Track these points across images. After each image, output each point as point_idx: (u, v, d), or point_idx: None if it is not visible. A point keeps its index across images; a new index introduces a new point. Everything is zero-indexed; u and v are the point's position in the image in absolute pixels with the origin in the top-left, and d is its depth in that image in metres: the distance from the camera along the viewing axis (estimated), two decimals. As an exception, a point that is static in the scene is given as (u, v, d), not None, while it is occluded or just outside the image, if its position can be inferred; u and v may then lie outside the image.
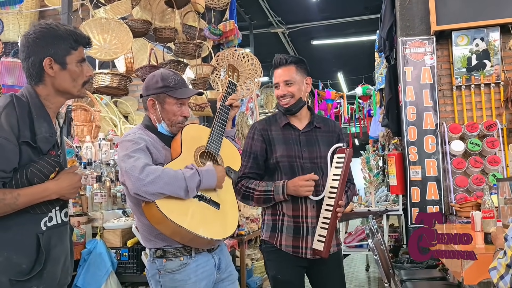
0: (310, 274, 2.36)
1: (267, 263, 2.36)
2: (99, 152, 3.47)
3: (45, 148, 1.57)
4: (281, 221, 2.30)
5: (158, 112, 2.00)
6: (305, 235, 2.25)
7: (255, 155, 2.35)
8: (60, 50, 1.62)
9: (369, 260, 6.43)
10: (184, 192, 1.81)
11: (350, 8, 7.95)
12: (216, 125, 2.09)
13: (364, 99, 8.63)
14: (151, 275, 1.94)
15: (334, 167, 2.26)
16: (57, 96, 1.66)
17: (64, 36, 1.63)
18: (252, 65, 4.97)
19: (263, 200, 2.27)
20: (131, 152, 1.83)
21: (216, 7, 4.91)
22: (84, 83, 1.70)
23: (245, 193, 2.30)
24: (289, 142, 2.33)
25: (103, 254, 2.87)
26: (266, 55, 9.92)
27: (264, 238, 2.35)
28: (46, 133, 1.57)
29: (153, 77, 2.03)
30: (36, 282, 1.54)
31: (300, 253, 2.25)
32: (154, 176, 1.75)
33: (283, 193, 2.22)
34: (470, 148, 4.39)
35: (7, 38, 4.46)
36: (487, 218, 2.55)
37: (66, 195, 1.62)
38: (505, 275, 1.54)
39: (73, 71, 1.65)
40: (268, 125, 2.39)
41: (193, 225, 1.80)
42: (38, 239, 1.54)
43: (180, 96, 2.00)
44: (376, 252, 2.91)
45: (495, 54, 4.50)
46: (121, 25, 3.58)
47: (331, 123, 2.47)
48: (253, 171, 2.34)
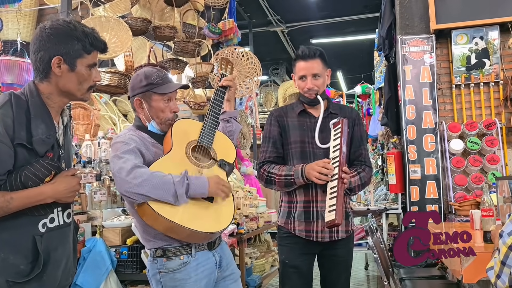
0: (320, 258, 2.43)
1: (279, 248, 2.46)
2: (99, 150, 3.47)
3: (42, 150, 1.53)
4: (294, 208, 2.36)
5: (146, 111, 1.99)
6: (315, 219, 2.30)
7: (274, 140, 2.41)
8: (72, 51, 1.57)
9: (368, 259, 6.44)
10: (173, 197, 1.78)
11: (350, 7, 7.95)
12: (209, 118, 2.06)
13: (363, 98, 8.64)
14: (152, 275, 1.94)
15: (332, 140, 2.29)
16: (60, 96, 1.62)
17: (80, 37, 1.58)
18: (252, 63, 4.97)
19: (285, 184, 2.31)
20: (120, 153, 1.82)
21: (215, 6, 4.90)
22: (90, 87, 1.66)
23: (267, 177, 2.35)
24: (303, 129, 2.38)
25: (103, 253, 2.87)
26: (265, 54, 9.96)
27: (279, 224, 2.43)
28: (42, 134, 1.53)
29: (137, 77, 2.01)
30: (35, 284, 1.51)
31: (312, 236, 2.31)
32: (141, 179, 1.74)
33: (302, 176, 2.25)
34: (469, 147, 4.39)
35: (6, 37, 4.45)
36: (486, 217, 2.56)
37: (62, 199, 1.57)
38: (500, 273, 1.53)
39: (81, 75, 1.60)
40: (285, 112, 2.46)
41: (185, 219, 1.79)
42: (35, 241, 1.52)
43: (164, 91, 1.98)
44: (376, 250, 2.92)
45: (495, 53, 4.50)
46: (121, 24, 3.58)
47: (348, 109, 2.51)
48: (274, 155, 2.40)
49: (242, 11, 7.71)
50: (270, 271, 4.78)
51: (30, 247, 1.52)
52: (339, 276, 2.42)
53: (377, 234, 3.25)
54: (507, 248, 1.52)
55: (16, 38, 4.27)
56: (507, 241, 1.53)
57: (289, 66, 11.44)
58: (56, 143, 1.61)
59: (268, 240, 5.36)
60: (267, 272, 4.72)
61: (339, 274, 2.42)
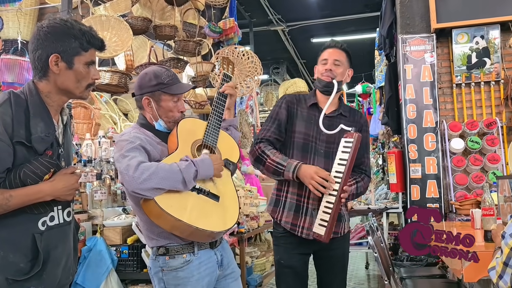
0: (316, 259, 2.42)
1: (274, 248, 2.43)
2: (99, 149, 3.47)
3: (40, 148, 1.53)
4: (284, 197, 2.35)
5: (154, 110, 1.98)
6: (303, 214, 2.29)
7: (279, 122, 2.37)
8: (69, 48, 1.57)
9: (369, 258, 6.44)
10: (182, 184, 1.79)
11: (350, 6, 7.95)
12: (213, 118, 2.07)
13: (364, 97, 8.63)
14: (154, 273, 1.94)
15: (341, 151, 2.24)
16: (59, 94, 1.62)
17: (77, 35, 1.58)
18: (252, 63, 4.97)
19: (273, 171, 2.28)
20: (125, 151, 1.82)
21: (216, 5, 4.90)
22: (88, 85, 1.66)
23: (259, 156, 2.30)
24: (310, 122, 2.36)
25: (103, 252, 2.87)
26: (266, 53, 9.96)
27: (266, 211, 2.42)
28: (41, 132, 1.54)
29: (145, 75, 1.99)
30: (35, 282, 1.52)
31: (297, 231, 2.29)
32: (149, 173, 1.74)
33: (293, 172, 2.22)
34: (470, 146, 4.39)
35: (7, 36, 4.45)
36: (487, 216, 2.55)
37: (61, 197, 1.57)
38: (503, 274, 1.53)
39: (79, 72, 1.61)
40: (297, 101, 2.43)
41: (192, 218, 1.79)
42: (35, 239, 1.52)
43: (175, 92, 1.98)
44: (376, 249, 2.92)
45: (495, 52, 4.49)
46: (121, 23, 3.58)
47: (357, 114, 2.50)
48: (275, 136, 2.36)
49: (242, 10, 7.71)
50: (271, 270, 4.79)
51: (29, 245, 1.52)
52: (335, 277, 2.42)
53: (377, 233, 3.25)
54: (510, 249, 1.52)
55: (16, 37, 4.28)
56: (509, 242, 1.53)
57: (290, 65, 11.43)
58: (56, 141, 1.61)
59: (268, 239, 5.37)
60: (268, 271, 4.73)
61: (335, 275, 2.42)
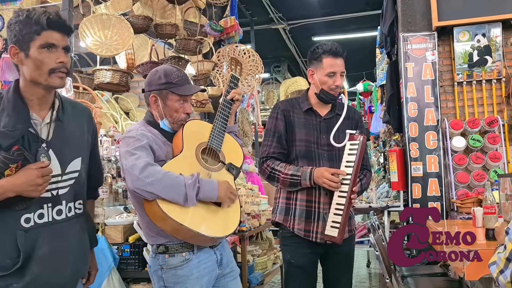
0: (324, 260, 2.42)
1: (283, 248, 2.43)
2: (101, 148, 3.47)
3: (3, 143, 1.48)
4: (294, 205, 2.34)
5: (161, 109, 1.98)
6: (316, 219, 2.29)
7: (279, 135, 2.36)
8: (22, 36, 1.53)
9: (370, 256, 6.45)
10: (183, 199, 1.78)
11: (351, 4, 7.94)
12: (218, 121, 2.06)
13: (365, 95, 8.63)
14: (153, 271, 1.94)
15: (347, 154, 2.27)
16: (33, 87, 1.58)
17: (25, 21, 1.53)
18: (253, 61, 4.97)
19: (289, 184, 2.29)
20: (132, 149, 1.82)
21: (217, 3, 4.90)
22: (51, 70, 1.55)
23: (271, 174, 2.32)
24: (309, 127, 2.36)
25: (105, 250, 2.87)
26: (267, 52, 9.95)
27: (277, 220, 2.40)
28: (5, 127, 1.49)
29: (156, 73, 2.00)
30: (14, 281, 1.48)
31: (311, 237, 2.30)
32: (154, 178, 1.74)
33: (310, 179, 2.23)
34: (471, 144, 4.38)
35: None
36: (488, 214, 2.55)
37: (24, 193, 1.48)
38: (504, 269, 1.53)
39: (35, 58, 1.53)
40: (291, 107, 2.40)
41: (194, 223, 1.79)
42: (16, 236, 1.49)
43: (183, 93, 1.97)
44: (378, 248, 2.92)
45: (497, 50, 4.48)
46: (122, 21, 3.58)
47: (351, 110, 2.49)
48: (278, 151, 2.35)
49: (243, 8, 7.71)
50: (272, 269, 4.78)
51: (11, 242, 1.49)
52: (342, 275, 2.43)
53: (379, 231, 3.26)
54: None
55: (17, 36, 4.27)
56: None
57: (291, 64, 11.43)
58: (33, 136, 1.56)
59: (270, 237, 5.36)
60: (269, 269, 4.73)
61: (341, 273, 2.43)
